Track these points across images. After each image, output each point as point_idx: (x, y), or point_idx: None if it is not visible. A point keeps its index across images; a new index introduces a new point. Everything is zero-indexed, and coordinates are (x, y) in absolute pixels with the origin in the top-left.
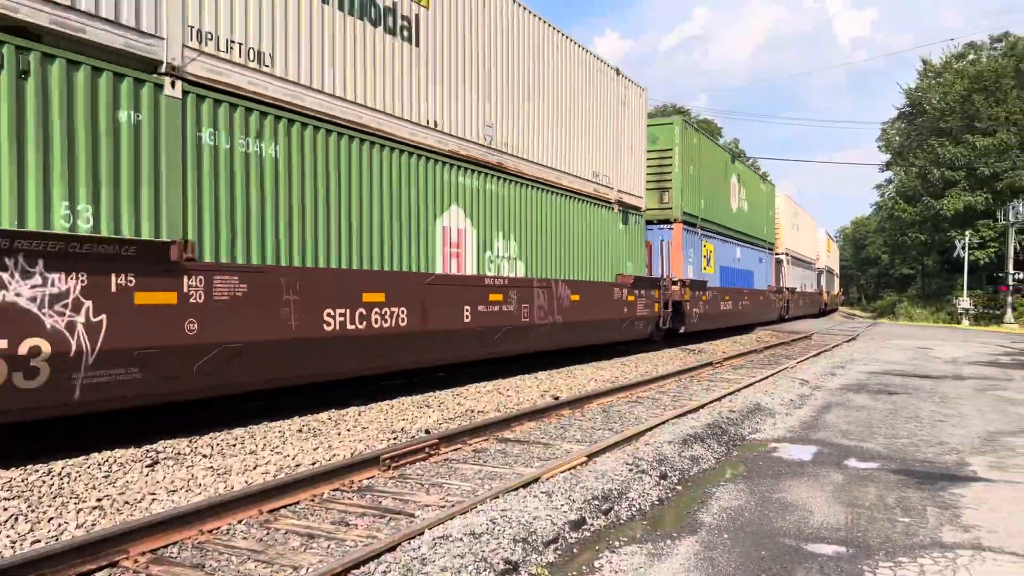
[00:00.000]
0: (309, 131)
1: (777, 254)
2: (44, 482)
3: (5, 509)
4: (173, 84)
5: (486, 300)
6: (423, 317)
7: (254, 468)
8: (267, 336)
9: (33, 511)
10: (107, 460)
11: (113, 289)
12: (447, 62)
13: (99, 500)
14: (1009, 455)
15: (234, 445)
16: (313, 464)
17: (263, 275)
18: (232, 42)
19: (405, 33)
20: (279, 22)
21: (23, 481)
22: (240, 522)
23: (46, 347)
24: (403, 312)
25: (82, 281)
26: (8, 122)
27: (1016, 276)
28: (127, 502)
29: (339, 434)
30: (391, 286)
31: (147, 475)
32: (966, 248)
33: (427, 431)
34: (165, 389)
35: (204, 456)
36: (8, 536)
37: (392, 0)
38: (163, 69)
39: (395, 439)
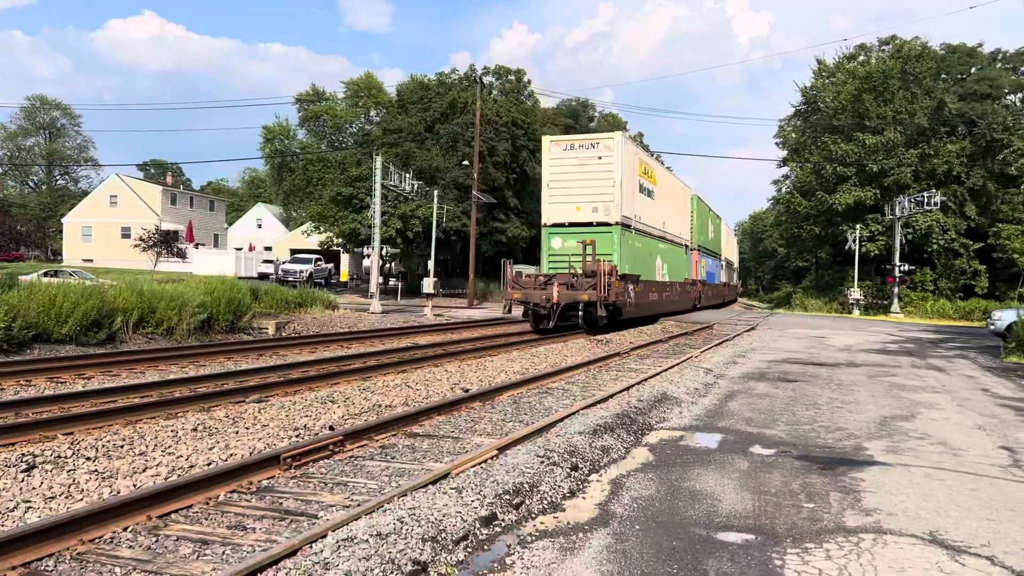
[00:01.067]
0: (640, 236)
1: (720, 260)
2: None
3: None
4: (630, 230)
5: (664, 290)
6: (659, 295)
7: (143, 470)
8: (646, 300)
9: None
10: None
11: (634, 286)
12: (658, 201)
13: None
14: (902, 439)
15: (122, 446)
16: (208, 465)
17: (646, 282)
18: (637, 216)
19: (652, 197)
20: (636, 202)
21: None
22: (126, 529)
23: (630, 299)
24: (656, 294)
25: (628, 284)
26: (619, 246)
27: (902, 268)
28: None
29: (237, 432)
30: (655, 284)
31: (22, 481)
32: (857, 241)
33: (331, 427)
34: (634, 314)
35: (88, 459)
36: None
37: (652, 187)
38: (632, 228)
39: (297, 436)
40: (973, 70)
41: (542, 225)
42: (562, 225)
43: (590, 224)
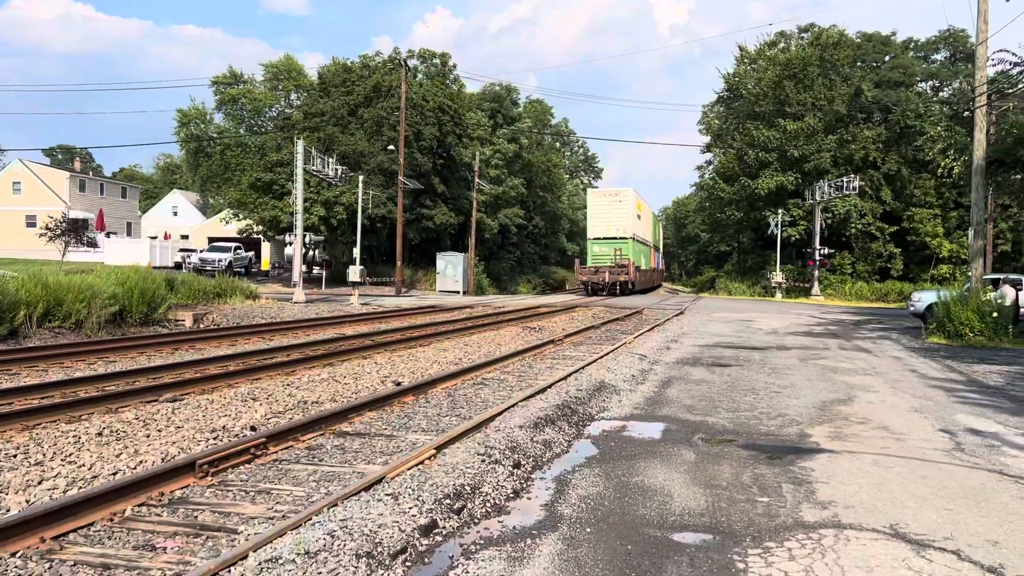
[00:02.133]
0: (637, 243)
1: (661, 252)
2: None
3: None
4: (635, 240)
5: (647, 274)
6: (644, 277)
7: (39, 483)
8: (642, 280)
9: None
10: None
11: (639, 272)
12: (642, 221)
13: None
14: (844, 424)
15: (15, 456)
16: (114, 475)
17: (641, 270)
18: (636, 232)
19: (640, 219)
20: (635, 224)
21: None
22: (15, 555)
23: (638, 280)
24: (644, 276)
25: (637, 271)
26: (631, 250)
27: (822, 252)
28: None
29: (148, 436)
30: (643, 271)
31: None
32: (779, 226)
33: (253, 428)
34: (639, 288)
35: None
36: None
37: (640, 213)
38: (635, 239)
39: (215, 439)
40: (887, 58)
41: (588, 238)
42: (599, 238)
43: (615, 238)
